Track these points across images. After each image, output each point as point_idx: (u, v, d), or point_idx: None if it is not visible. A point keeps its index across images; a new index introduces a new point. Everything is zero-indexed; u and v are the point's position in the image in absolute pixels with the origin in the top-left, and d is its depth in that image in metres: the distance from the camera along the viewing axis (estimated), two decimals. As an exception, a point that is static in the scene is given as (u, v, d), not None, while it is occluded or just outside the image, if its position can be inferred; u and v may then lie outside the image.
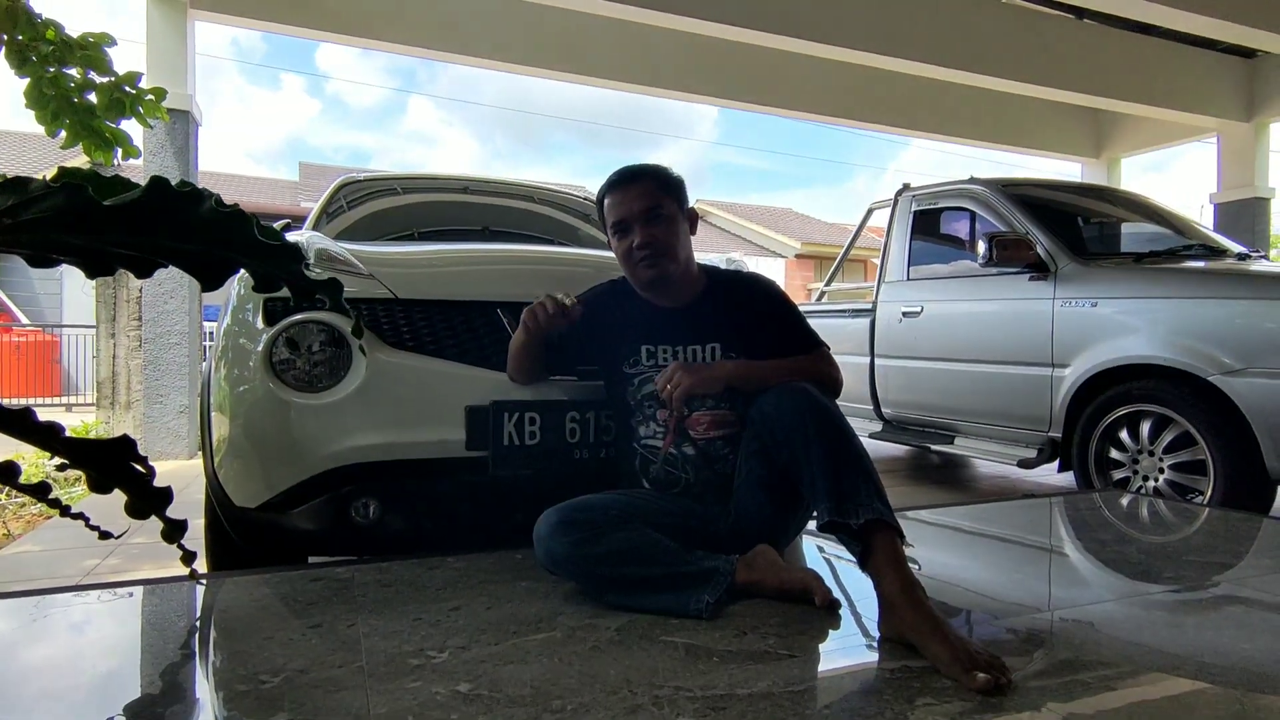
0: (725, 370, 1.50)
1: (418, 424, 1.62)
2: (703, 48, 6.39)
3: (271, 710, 0.97)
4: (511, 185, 3.35)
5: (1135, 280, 2.99)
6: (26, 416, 1.02)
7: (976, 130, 7.84)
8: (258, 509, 1.60)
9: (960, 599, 1.45)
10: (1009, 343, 3.34)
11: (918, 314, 3.83)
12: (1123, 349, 2.89)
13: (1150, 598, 1.47)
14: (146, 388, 4.96)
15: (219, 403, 1.67)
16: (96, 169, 1.18)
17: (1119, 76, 6.59)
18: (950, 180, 3.97)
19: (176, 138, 4.89)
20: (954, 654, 1.05)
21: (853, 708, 0.99)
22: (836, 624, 1.28)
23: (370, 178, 3.08)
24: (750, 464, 1.45)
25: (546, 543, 1.34)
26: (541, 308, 1.53)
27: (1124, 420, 2.91)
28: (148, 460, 1.16)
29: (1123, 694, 1.04)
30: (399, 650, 1.15)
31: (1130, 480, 2.90)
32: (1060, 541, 2.05)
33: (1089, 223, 3.82)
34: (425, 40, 5.77)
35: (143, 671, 1.17)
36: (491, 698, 0.99)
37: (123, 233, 0.89)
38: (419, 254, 2.08)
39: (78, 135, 2.28)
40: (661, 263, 1.56)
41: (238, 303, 1.71)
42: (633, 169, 1.62)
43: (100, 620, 1.41)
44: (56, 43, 2.22)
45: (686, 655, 1.13)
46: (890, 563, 1.18)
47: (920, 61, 5.90)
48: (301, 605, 1.38)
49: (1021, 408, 3.30)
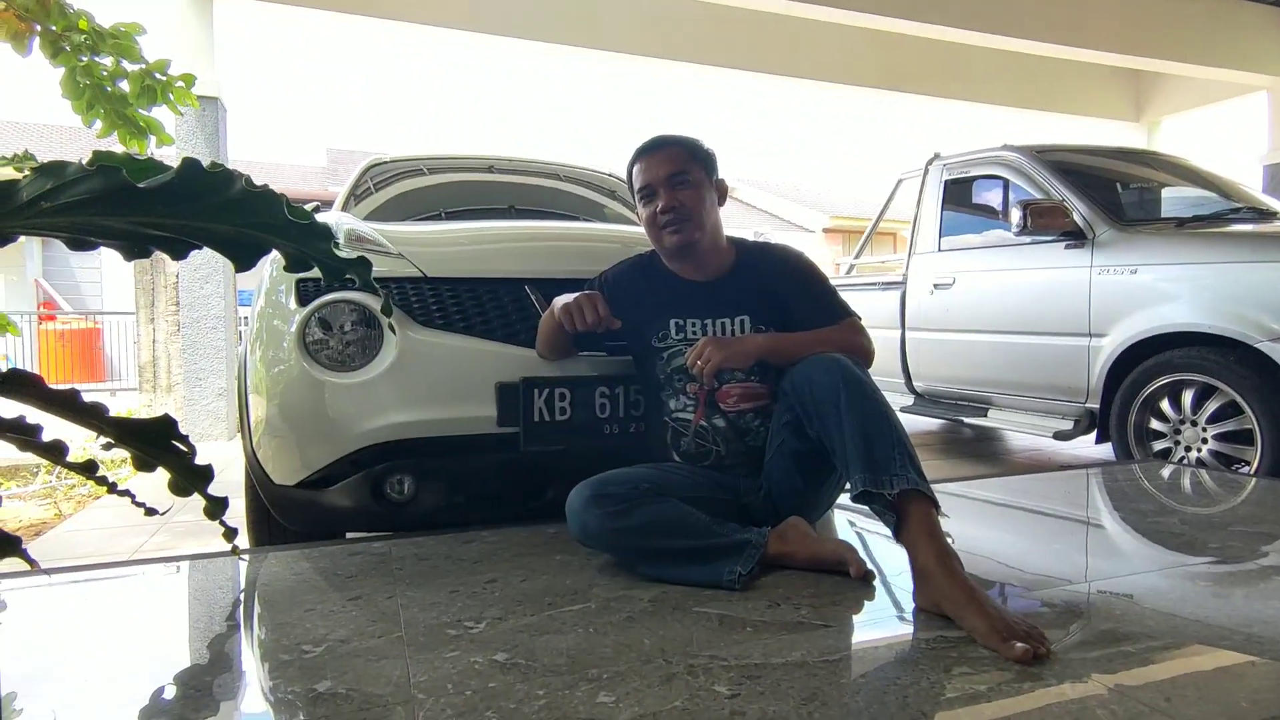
0: (755, 344, 1.48)
1: (449, 401, 1.64)
2: (725, 18, 6.28)
3: (315, 678, 0.99)
4: (537, 163, 3.34)
5: (1178, 246, 2.90)
6: (74, 398, 1.05)
7: (1009, 96, 7.62)
8: (295, 486, 1.64)
9: (994, 572, 1.43)
10: (1045, 312, 3.27)
11: (950, 285, 3.76)
12: (1165, 317, 2.81)
13: (1194, 569, 1.44)
14: (186, 371, 5.08)
15: (255, 384, 1.70)
16: (131, 155, 1.20)
17: (1159, 34, 6.35)
18: (982, 148, 3.87)
19: (206, 124, 4.96)
20: (991, 624, 1.04)
21: (888, 677, 0.98)
22: (870, 595, 1.27)
23: (396, 159, 3.09)
24: (782, 435, 1.44)
25: (579, 516, 1.35)
26: (580, 313, 1.51)
27: (1165, 390, 2.84)
28: (189, 439, 1.19)
29: (1168, 665, 1.02)
30: (437, 621, 1.18)
31: (1172, 451, 2.84)
32: (1098, 513, 2.01)
33: (1128, 188, 3.71)
34: (446, 18, 5.75)
35: (191, 643, 1.21)
36: (529, 667, 1.01)
37: (157, 214, 0.90)
38: (447, 233, 2.08)
39: (113, 124, 2.31)
40: (686, 228, 1.54)
41: (270, 285, 1.73)
42: (661, 137, 1.60)
43: (148, 595, 1.46)
44: (89, 32, 2.24)
45: (720, 625, 1.13)
46: (925, 533, 1.17)
47: (951, 26, 5.74)
48: (341, 579, 1.41)
49: (1057, 379, 3.23)
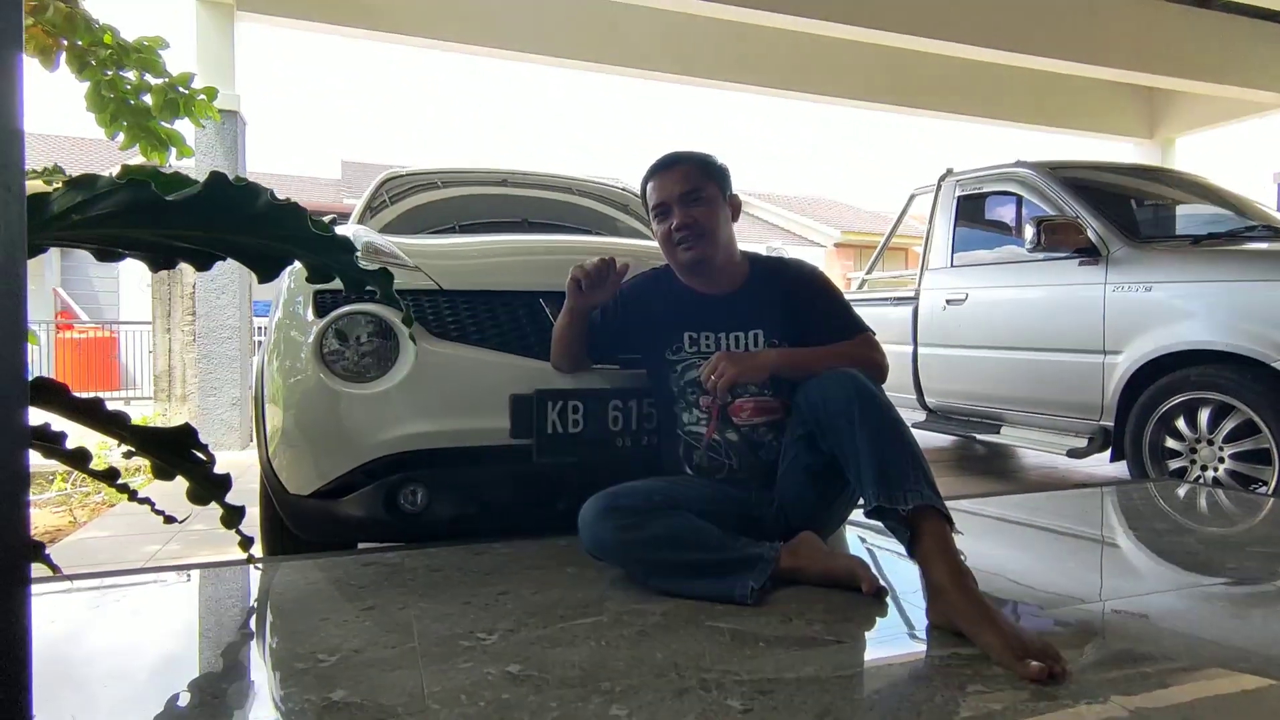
0: (769, 359, 1.49)
1: (463, 413, 1.65)
2: (741, 36, 6.32)
3: (329, 688, 1.00)
4: (550, 177, 3.36)
5: (1193, 263, 2.88)
6: (98, 406, 1.07)
7: (1023, 113, 7.63)
8: (310, 496, 1.65)
9: (1008, 590, 1.42)
10: (1058, 329, 3.26)
11: (962, 301, 3.75)
12: (1180, 335, 2.79)
13: (1210, 589, 1.42)
14: (201, 381, 5.12)
15: (272, 394, 1.72)
16: (157, 169, 1.22)
17: (1174, 52, 6.35)
18: (995, 164, 3.87)
19: (226, 137, 5.03)
20: (1005, 642, 1.03)
21: (901, 694, 0.98)
22: (883, 611, 1.27)
23: (411, 172, 3.13)
24: (795, 450, 1.44)
25: (592, 528, 1.36)
26: (581, 269, 1.55)
27: (1181, 408, 2.82)
28: (208, 448, 1.21)
29: (1186, 688, 1.01)
30: (450, 632, 1.18)
31: (1188, 470, 2.81)
32: (1113, 531, 2.00)
33: (1142, 205, 3.70)
34: (463, 36, 5.83)
35: (204, 651, 1.22)
36: (541, 679, 1.01)
37: (184, 226, 0.92)
38: (462, 245, 2.10)
39: (135, 136, 2.36)
40: (700, 245, 1.55)
41: (288, 296, 1.76)
42: (675, 154, 1.62)
43: (163, 602, 1.47)
44: (113, 47, 2.29)
45: (732, 640, 1.13)
46: (939, 549, 1.16)
47: (965, 43, 5.76)
48: (354, 589, 1.42)
49: (1071, 396, 3.21)
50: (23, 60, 0.46)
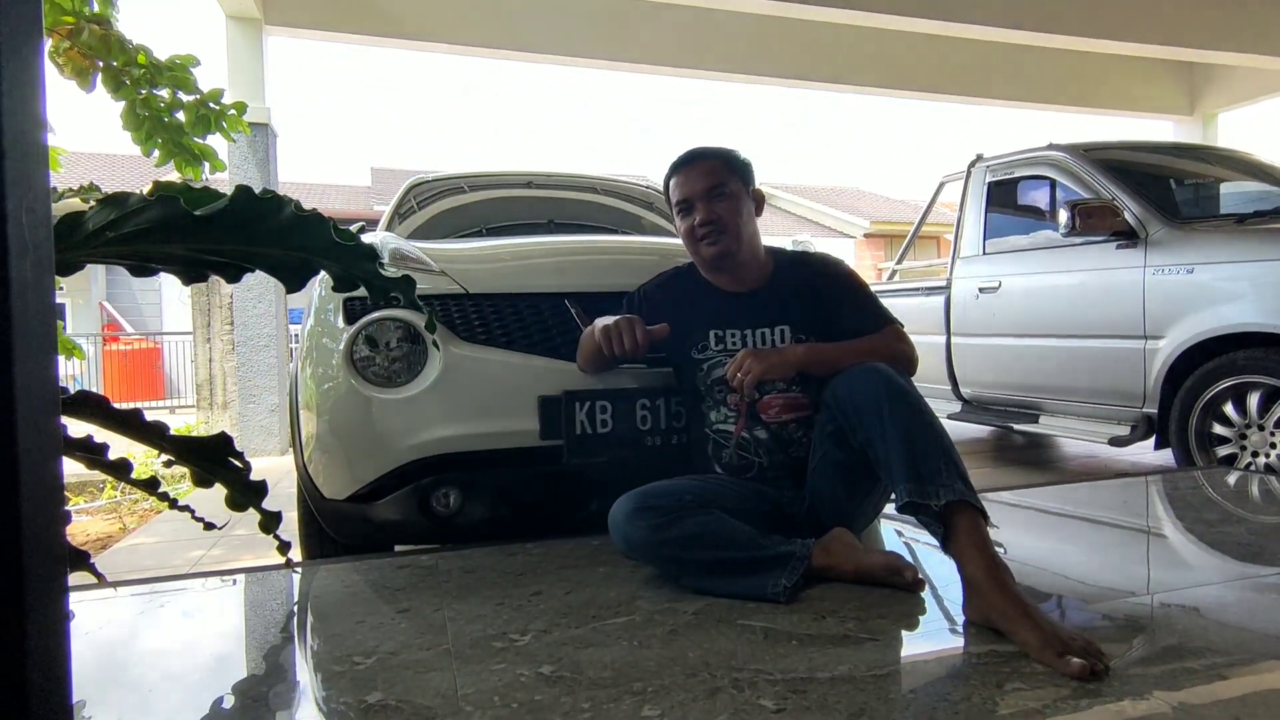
0: (796, 355, 1.47)
1: (493, 415, 1.66)
2: (765, 29, 6.27)
3: (366, 690, 1.01)
4: (574, 178, 3.37)
5: (1238, 243, 2.79)
6: (136, 417, 1.09)
7: (1054, 95, 7.43)
8: (345, 500, 1.67)
9: (1049, 583, 1.39)
10: (1096, 315, 3.17)
11: (995, 289, 3.67)
12: (1226, 317, 2.70)
13: (1264, 580, 1.38)
14: (240, 388, 5.24)
15: (306, 400, 1.75)
16: (187, 184, 1.25)
17: (1213, 23, 6.12)
18: (1027, 148, 3.79)
19: (257, 150, 5.13)
20: (1044, 639, 1.01)
21: (938, 692, 0.96)
22: (919, 608, 1.25)
23: (438, 177, 3.16)
24: (825, 446, 1.43)
25: (623, 528, 1.36)
26: (619, 338, 1.48)
27: (1229, 392, 2.73)
28: (244, 456, 1.23)
29: (1237, 683, 0.98)
30: (483, 634, 1.19)
31: (1238, 457, 2.72)
32: (1159, 522, 1.94)
33: (1182, 184, 3.58)
34: (486, 40, 5.87)
35: (248, 653, 1.24)
36: (574, 679, 1.01)
37: (213, 239, 0.94)
38: (488, 249, 2.12)
39: (170, 153, 2.41)
40: (724, 240, 1.54)
41: (319, 304, 1.79)
42: (698, 150, 1.61)
43: (207, 606, 1.51)
44: (147, 66, 2.35)
45: (765, 639, 1.12)
46: (974, 544, 1.14)
47: (992, 25, 5.63)
48: (390, 591, 1.44)
49: (1112, 383, 3.13)
50: (45, 81, 0.48)
